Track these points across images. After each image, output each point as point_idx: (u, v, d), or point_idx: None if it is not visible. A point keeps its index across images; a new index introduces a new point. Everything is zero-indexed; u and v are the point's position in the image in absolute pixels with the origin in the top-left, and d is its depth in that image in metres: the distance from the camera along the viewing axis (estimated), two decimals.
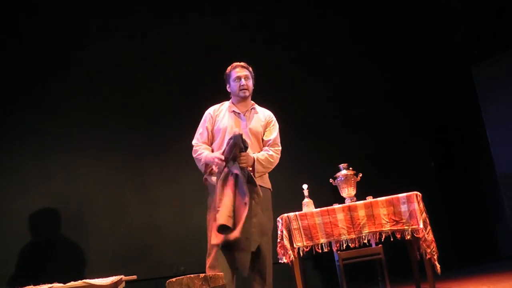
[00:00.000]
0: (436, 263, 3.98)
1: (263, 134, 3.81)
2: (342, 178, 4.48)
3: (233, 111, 3.78)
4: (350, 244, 4.16)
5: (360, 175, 4.49)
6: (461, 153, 6.66)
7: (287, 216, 4.18)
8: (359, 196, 4.43)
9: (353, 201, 4.37)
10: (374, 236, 4.21)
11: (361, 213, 4.17)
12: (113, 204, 5.34)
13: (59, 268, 4.80)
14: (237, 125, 3.72)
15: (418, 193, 4.12)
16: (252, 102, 3.90)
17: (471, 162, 6.65)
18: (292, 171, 5.39)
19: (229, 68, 3.87)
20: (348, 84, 6.09)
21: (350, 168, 4.53)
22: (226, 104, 3.87)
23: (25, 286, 3.83)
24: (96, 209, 5.26)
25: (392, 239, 4.14)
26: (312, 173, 5.16)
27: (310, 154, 5.60)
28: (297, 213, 4.19)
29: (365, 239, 4.18)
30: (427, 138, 6.41)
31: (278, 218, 4.22)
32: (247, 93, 3.79)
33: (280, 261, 4.14)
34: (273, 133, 3.84)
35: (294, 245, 4.12)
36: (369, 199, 4.24)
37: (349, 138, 5.79)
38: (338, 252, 4.32)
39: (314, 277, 5.00)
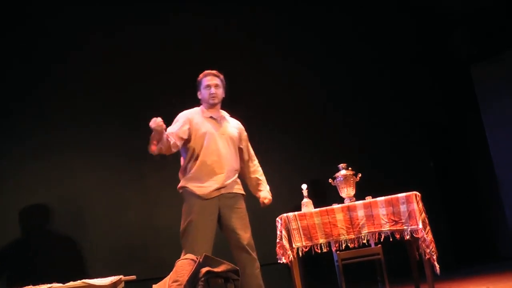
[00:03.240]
0: (435, 263, 3.95)
1: (240, 143, 4.01)
2: (341, 178, 4.48)
3: (210, 116, 3.93)
4: (349, 244, 4.16)
5: (359, 175, 4.49)
6: (460, 153, 6.66)
7: (286, 216, 4.18)
8: (358, 196, 4.43)
9: (352, 201, 4.37)
10: (373, 236, 4.20)
11: (360, 213, 4.16)
12: (112, 204, 5.34)
13: (58, 268, 4.79)
14: (215, 130, 3.87)
15: (417, 193, 4.10)
16: (222, 110, 4.05)
17: (470, 162, 6.64)
18: (291, 171, 5.39)
19: (201, 75, 4.01)
20: (347, 84, 6.07)
21: (349, 168, 4.53)
22: (198, 109, 3.99)
23: (25, 286, 3.84)
24: (95, 209, 5.26)
25: (391, 239, 4.12)
26: (311, 173, 5.16)
27: (309, 154, 5.59)
28: (296, 213, 4.20)
29: (364, 239, 4.18)
30: (426, 138, 6.40)
31: (277, 218, 4.23)
32: (216, 100, 3.94)
33: (279, 261, 4.13)
34: (249, 146, 4.11)
35: (293, 245, 4.12)
36: (368, 199, 4.24)
37: (348, 138, 5.77)
38: (337, 252, 4.32)
39: (313, 277, 5.00)
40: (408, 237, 4.06)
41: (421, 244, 4.00)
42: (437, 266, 3.96)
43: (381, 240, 4.16)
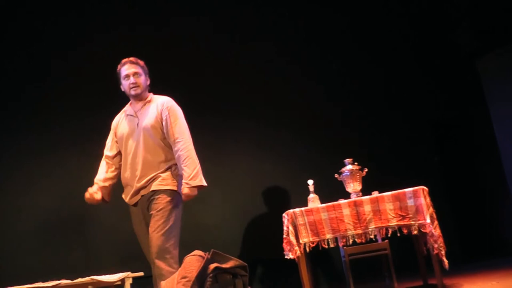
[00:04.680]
0: (444, 258, 3.92)
1: (163, 126, 3.56)
2: (348, 173, 4.45)
3: (128, 114, 3.68)
4: (356, 240, 4.14)
5: (366, 170, 4.47)
6: (467, 148, 6.61)
7: (293, 211, 4.18)
8: (365, 191, 4.41)
9: (358, 196, 4.35)
10: (381, 231, 4.18)
11: (367, 208, 4.13)
12: (120, 200, 5.34)
13: (66, 265, 4.82)
14: (131, 127, 3.60)
15: (425, 187, 4.08)
16: (149, 94, 3.71)
17: (477, 157, 6.59)
18: (297, 166, 5.37)
19: (118, 66, 3.70)
20: (352, 79, 6.00)
21: (355, 163, 4.50)
22: (125, 108, 3.77)
23: (34, 283, 3.87)
24: (103, 205, 5.26)
25: (398, 234, 4.10)
26: (317, 169, 5.13)
27: (315, 150, 5.57)
28: (302, 208, 4.19)
29: (371, 235, 4.16)
30: (432, 133, 6.34)
31: (283, 214, 4.23)
32: (139, 90, 3.62)
33: (286, 257, 4.13)
34: (173, 126, 3.54)
35: (300, 241, 4.12)
36: (375, 194, 4.21)
37: (354, 133, 5.73)
38: (344, 247, 4.31)
39: (320, 272, 4.99)
40: (415, 232, 4.03)
41: (429, 239, 3.96)
42: (446, 261, 3.92)
43: (388, 235, 4.13)
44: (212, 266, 3.45)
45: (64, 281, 3.96)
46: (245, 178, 5.37)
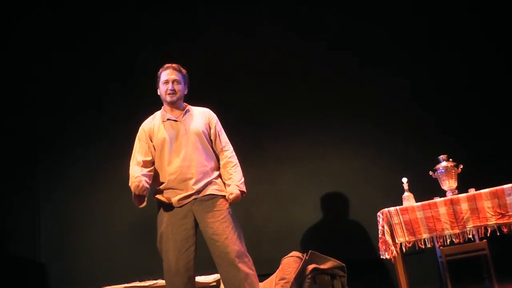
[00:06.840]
0: None
1: (210, 134, 3.60)
2: (442, 170, 4.32)
3: (168, 119, 3.55)
4: (454, 240, 4.01)
5: (461, 166, 4.31)
6: None
7: (388, 210, 4.10)
8: (461, 188, 4.24)
9: (454, 194, 4.21)
10: (479, 230, 4.03)
11: (464, 206, 4.01)
12: None
13: (161, 266, 4.91)
14: (176, 132, 3.50)
15: None
16: (186, 104, 3.67)
17: None
18: (390, 164, 5.23)
19: (160, 69, 3.64)
20: (447, 69, 5.66)
21: (450, 160, 4.36)
22: (158, 114, 3.63)
23: (132, 281, 3.99)
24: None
25: (498, 234, 3.93)
26: (411, 166, 4.97)
27: (408, 147, 5.39)
28: (397, 207, 4.10)
29: (469, 234, 4.02)
30: None
31: (378, 213, 4.16)
32: (174, 98, 3.54)
33: (381, 257, 4.04)
34: (220, 135, 3.64)
35: (396, 241, 4.03)
36: (472, 191, 4.06)
37: (448, 128, 5.49)
38: (441, 248, 4.17)
39: (415, 273, 4.82)
40: None
41: None
42: None
43: (488, 235, 3.97)
44: (310, 267, 3.42)
45: (160, 281, 4.05)
46: (337, 177, 5.28)
